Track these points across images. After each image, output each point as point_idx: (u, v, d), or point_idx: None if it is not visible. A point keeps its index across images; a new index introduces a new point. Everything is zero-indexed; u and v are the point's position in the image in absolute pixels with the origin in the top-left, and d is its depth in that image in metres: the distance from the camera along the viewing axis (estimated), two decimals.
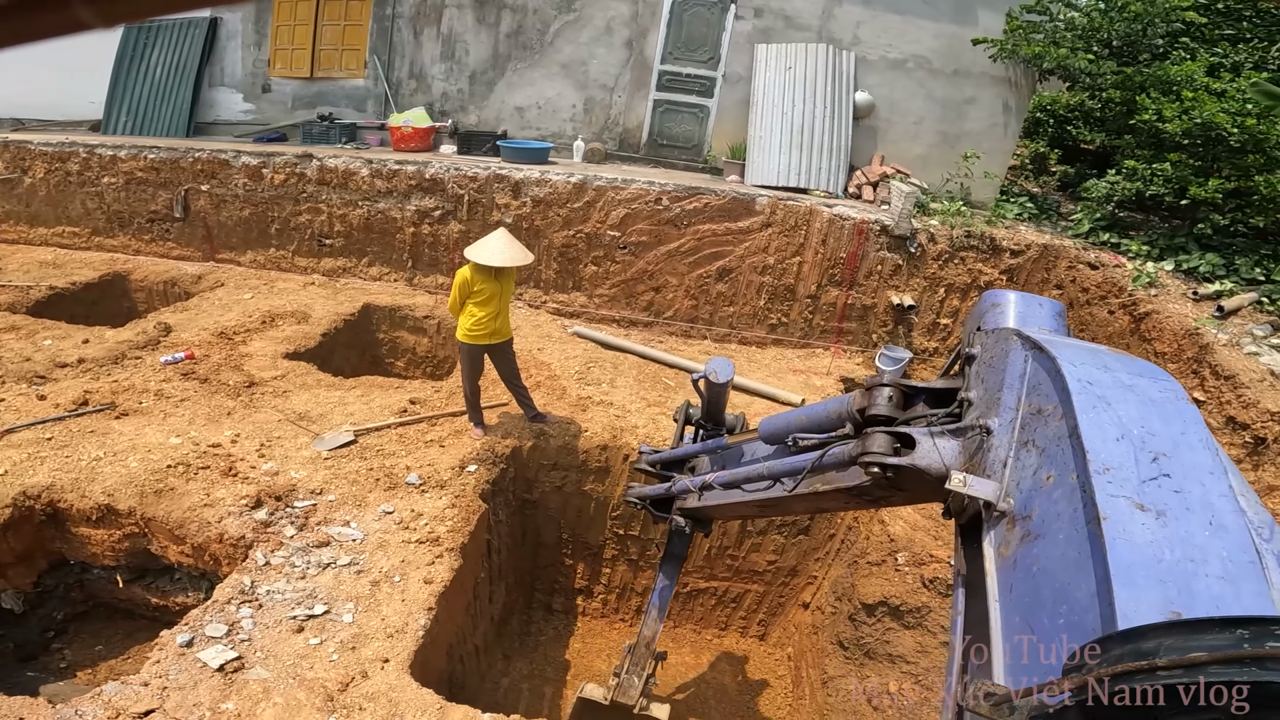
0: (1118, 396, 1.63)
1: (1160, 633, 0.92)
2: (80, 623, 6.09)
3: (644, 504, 5.05)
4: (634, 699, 5.50)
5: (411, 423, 6.67)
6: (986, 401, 2.04)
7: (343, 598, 4.74)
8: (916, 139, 10.15)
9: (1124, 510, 1.39)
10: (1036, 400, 1.83)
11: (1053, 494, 1.59)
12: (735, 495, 3.79)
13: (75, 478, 5.46)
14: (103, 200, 10.03)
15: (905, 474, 2.11)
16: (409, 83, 11.02)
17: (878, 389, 2.36)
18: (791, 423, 3.18)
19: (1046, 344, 1.86)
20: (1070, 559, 1.43)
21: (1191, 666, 0.85)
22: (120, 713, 3.78)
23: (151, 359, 7.23)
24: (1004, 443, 1.86)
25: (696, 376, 4.30)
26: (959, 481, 1.80)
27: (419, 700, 4.12)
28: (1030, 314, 2.32)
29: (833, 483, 2.62)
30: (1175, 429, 1.57)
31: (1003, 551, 1.69)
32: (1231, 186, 8.31)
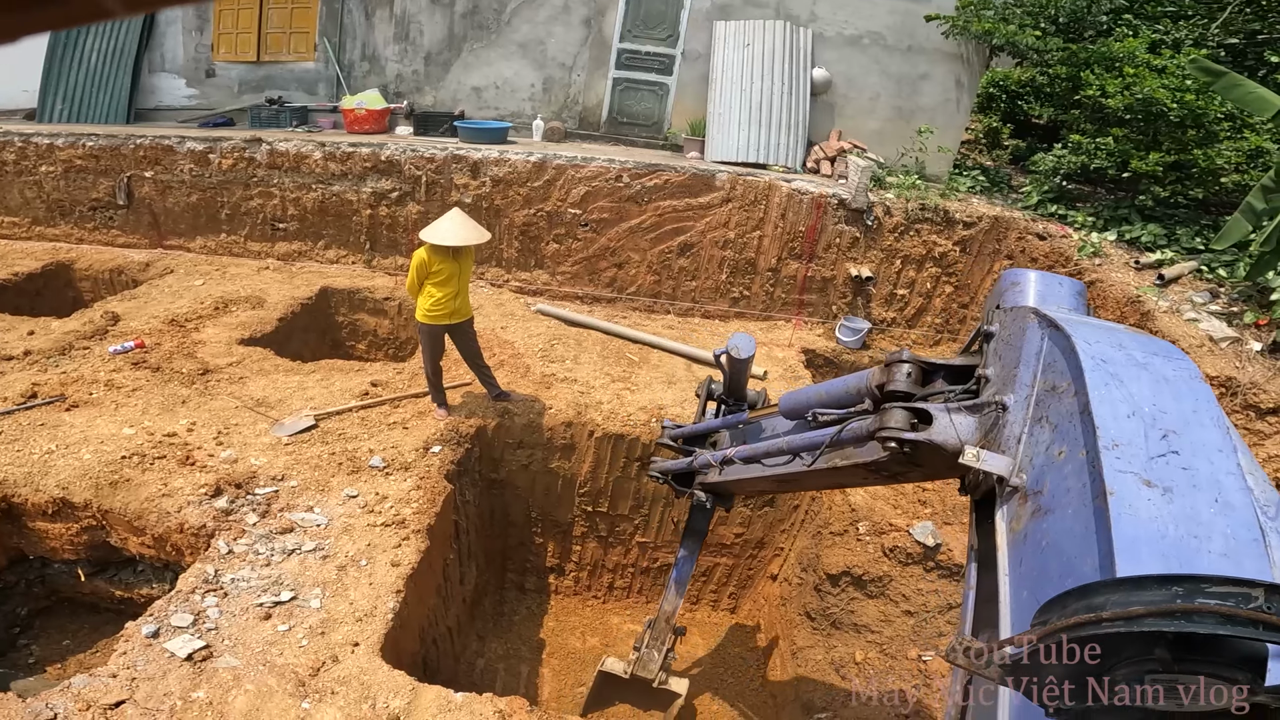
0: (1130, 375, 1.65)
1: (1108, 589, 0.97)
2: (45, 618, 5.96)
3: (666, 478, 5.08)
4: (654, 673, 5.59)
5: (373, 405, 6.60)
6: (1003, 378, 2.07)
7: (309, 583, 4.70)
8: (872, 114, 10.25)
9: (1130, 486, 1.41)
10: (1051, 377, 1.84)
11: (1063, 469, 1.61)
12: (755, 470, 3.80)
13: (28, 472, 5.32)
14: (41, 189, 9.68)
15: (922, 449, 2.12)
16: (362, 65, 10.79)
17: (896, 365, 2.37)
18: (811, 398, 3.19)
19: (1063, 322, 1.88)
20: (1077, 534, 1.46)
21: (1130, 619, 0.90)
22: (90, 705, 3.73)
23: (100, 349, 7.03)
24: (1019, 419, 1.89)
25: (719, 352, 4.30)
26: (973, 457, 1.83)
27: (391, 682, 4.13)
28: (1049, 293, 2.34)
29: (851, 458, 2.63)
30: (1187, 407, 1.59)
31: (1014, 526, 1.71)
32: (1171, 160, 8.57)
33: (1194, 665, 0.92)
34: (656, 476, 5.19)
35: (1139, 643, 0.96)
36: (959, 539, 6.23)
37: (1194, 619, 0.87)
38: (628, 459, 6.97)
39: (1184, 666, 0.92)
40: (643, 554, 7.52)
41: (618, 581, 7.72)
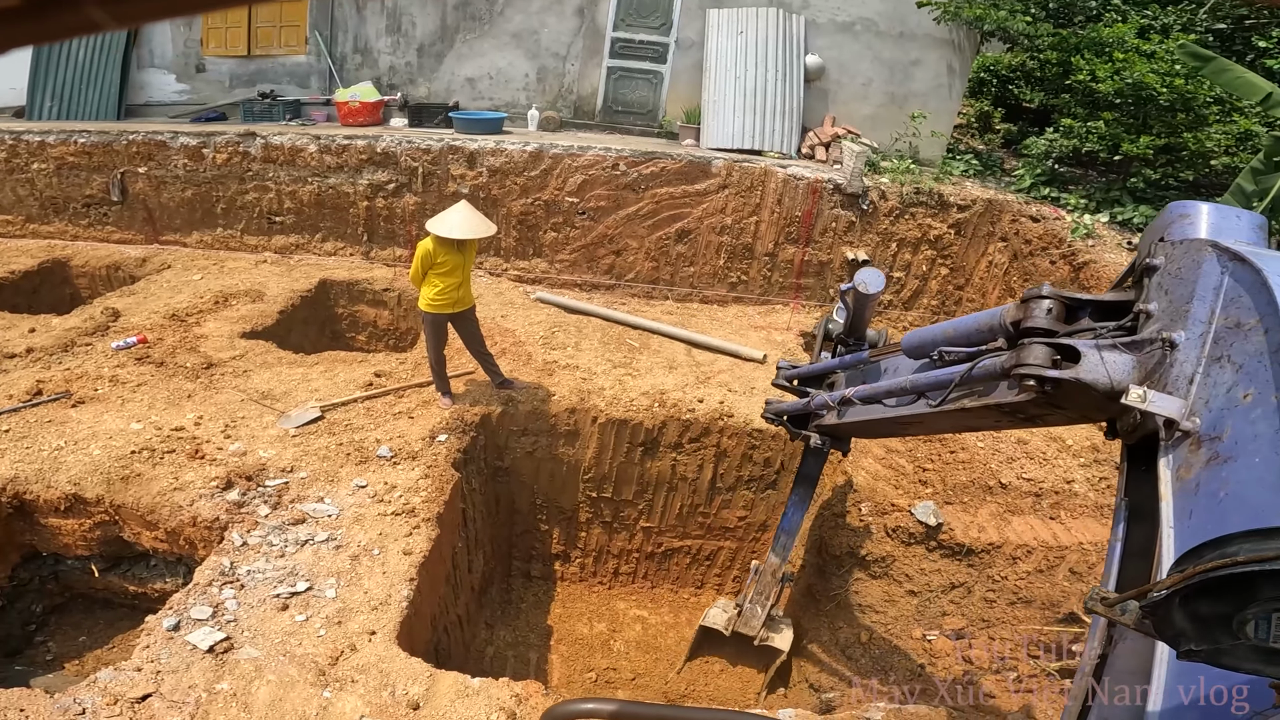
0: None
1: (1239, 539, 1.02)
2: (60, 615, 5.98)
3: (780, 420, 4.89)
4: (755, 629, 5.55)
5: (378, 395, 6.63)
6: (1171, 314, 1.90)
7: (324, 573, 4.74)
8: (865, 100, 10.31)
9: None
10: (1235, 314, 1.70)
11: (1251, 414, 1.50)
12: (876, 411, 3.64)
13: (39, 468, 5.33)
14: (34, 187, 9.62)
15: (1066, 389, 1.98)
16: (354, 57, 10.76)
17: (1035, 300, 2.19)
18: (937, 335, 2.99)
19: (1250, 255, 1.73)
20: (1268, 483, 1.36)
21: (1264, 560, 0.97)
22: (118, 699, 3.75)
23: (103, 345, 7.02)
24: (1191, 358, 1.75)
25: (845, 288, 4.08)
26: (1139, 397, 1.70)
27: (409, 670, 4.17)
28: (1226, 226, 2.11)
29: (983, 399, 2.48)
30: None
31: (1183, 474, 1.61)
32: (1162, 143, 8.67)
33: None
34: (771, 418, 5.02)
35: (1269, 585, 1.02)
36: (960, 518, 6.32)
37: None
38: (631, 444, 7.04)
39: None
40: (647, 539, 7.60)
41: (623, 567, 7.80)
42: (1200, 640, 1.12)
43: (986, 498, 6.35)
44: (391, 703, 3.99)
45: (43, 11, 0.35)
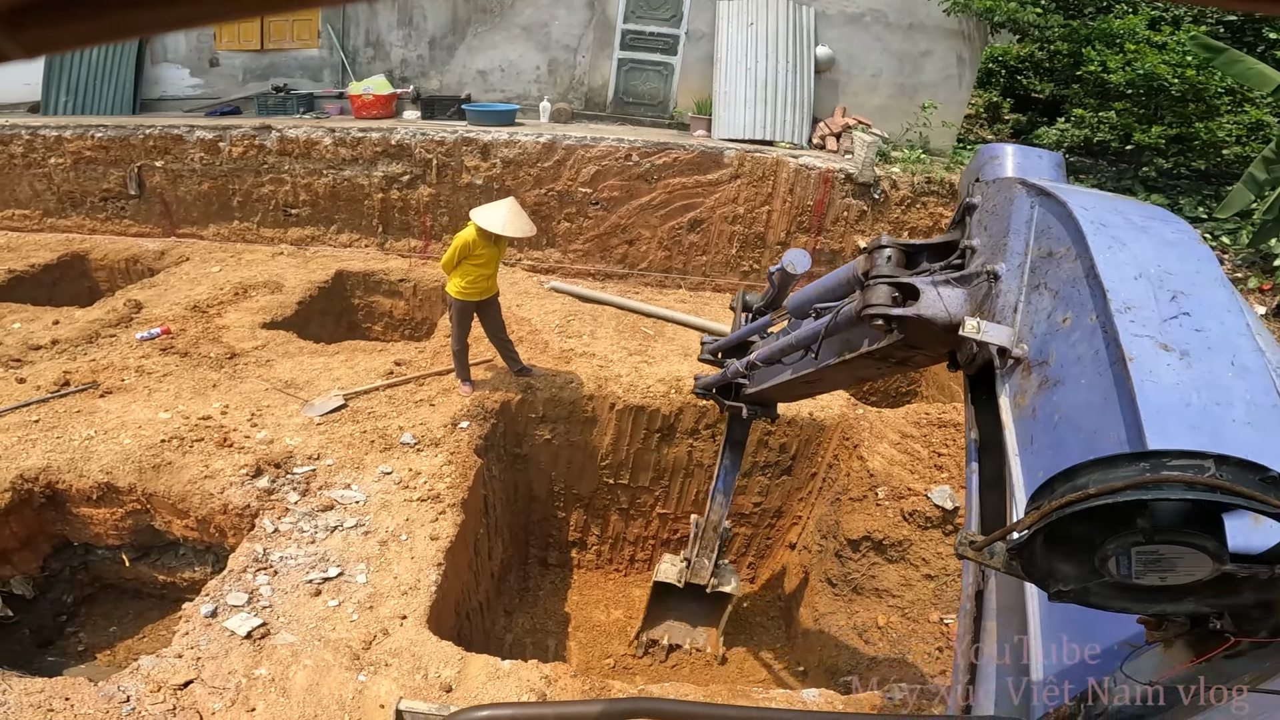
0: (1131, 237, 1.62)
1: (1088, 469, 1.01)
2: (90, 605, 6.07)
3: (709, 393, 5.14)
4: (705, 578, 5.87)
5: (399, 384, 6.72)
6: (991, 248, 2.02)
7: (354, 559, 4.82)
8: (875, 91, 10.35)
9: (1149, 350, 1.38)
10: (1046, 243, 1.79)
11: (1071, 337, 1.57)
12: (780, 372, 3.83)
13: (70, 458, 5.42)
14: (51, 181, 9.71)
15: (910, 325, 2.06)
16: (366, 50, 10.82)
17: (877, 250, 2.31)
18: (812, 294, 3.18)
19: (1054, 189, 1.85)
20: (1095, 404, 1.42)
21: (1113, 491, 0.95)
22: (160, 685, 3.82)
23: (126, 336, 7.11)
24: (1014, 287, 1.84)
25: (774, 269, 4.26)
26: (973, 327, 1.78)
27: (440, 653, 4.24)
28: (1030, 165, 2.32)
29: (857, 348, 2.60)
30: (1191, 268, 1.56)
31: (1019, 402, 1.67)
32: (1173, 133, 8.73)
33: (1167, 535, 0.98)
34: (699, 392, 5.26)
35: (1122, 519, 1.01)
36: None
37: (1164, 488, 0.93)
38: (648, 430, 7.12)
39: (1160, 537, 0.98)
40: (663, 525, 7.69)
41: (639, 554, 7.89)
42: (1067, 580, 1.12)
43: None
44: (425, 685, 4.06)
45: None
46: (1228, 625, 1.09)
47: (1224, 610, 1.08)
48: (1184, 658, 1.14)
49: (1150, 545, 0.99)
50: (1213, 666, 1.13)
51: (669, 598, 6.38)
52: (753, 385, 4.52)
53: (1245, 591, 1.04)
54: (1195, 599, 1.06)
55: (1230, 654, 1.11)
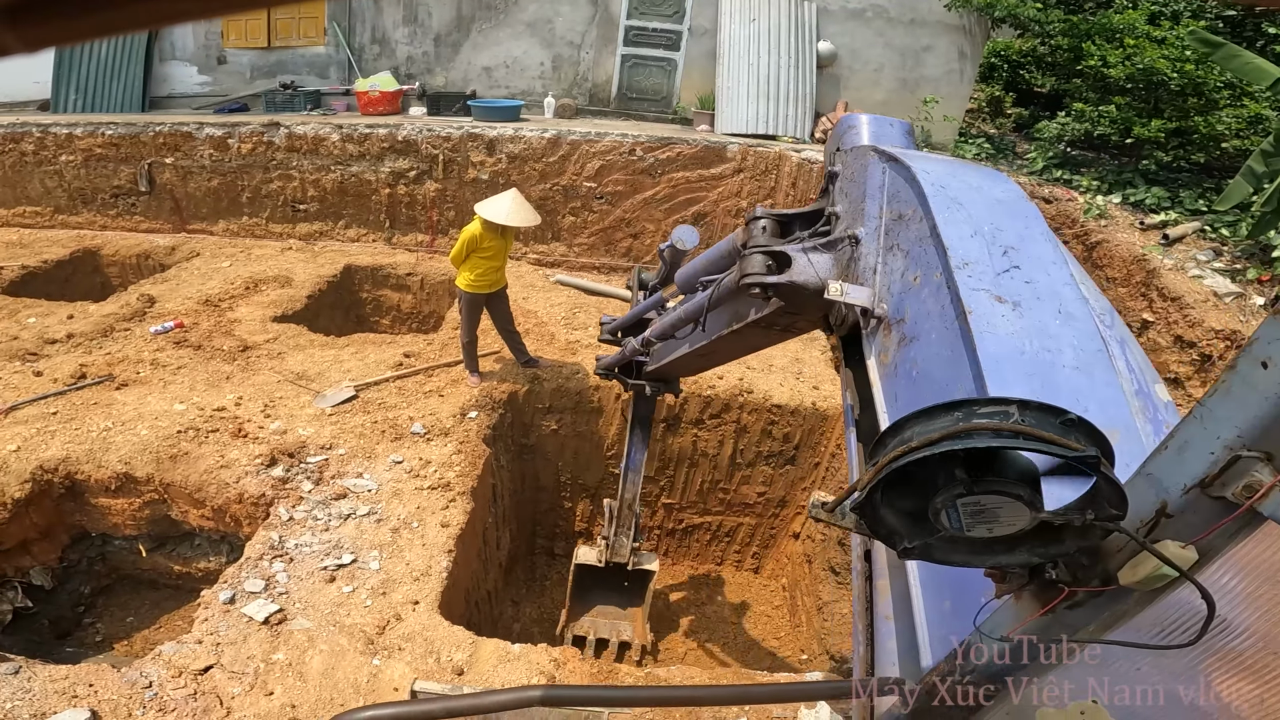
0: (968, 198, 1.73)
1: (911, 422, 1.03)
2: (107, 596, 6.18)
3: (611, 373, 5.22)
4: (626, 556, 5.95)
5: (409, 375, 6.84)
6: (852, 213, 2.12)
7: (367, 546, 4.93)
8: (877, 86, 10.43)
9: (985, 303, 1.46)
10: (897, 207, 1.90)
11: (921, 294, 1.66)
12: (676, 348, 3.94)
13: (89, 449, 5.53)
14: (62, 178, 9.81)
15: (785, 292, 2.12)
16: (372, 48, 10.91)
17: (753, 221, 2.40)
18: (697, 269, 3.29)
19: (901, 155, 1.96)
20: (945, 357, 1.50)
21: (932, 443, 0.97)
22: (182, 670, 3.93)
23: (141, 330, 7.24)
24: (872, 250, 1.93)
25: (664, 246, 4.36)
26: (836, 290, 1.87)
27: (452, 637, 4.35)
28: (883, 133, 2.42)
29: (745, 318, 2.67)
30: (1020, 225, 1.67)
31: (883, 360, 1.75)
32: (1173, 126, 8.79)
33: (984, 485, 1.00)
34: (602, 373, 5.35)
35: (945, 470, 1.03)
36: None
37: (974, 436, 0.95)
38: (653, 420, 7.21)
39: (981, 487, 1.00)
40: (669, 515, 7.80)
41: (644, 547, 7.98)
42: (911, 536, 1.13)
43: None
44: (437, 669, 4.16)
45: None
46: (1062, 575, 1.11)
47: (1055, 560, 1.10)
48: (1032, 610, 1.17)
49: (972, 496, 1.00)
50: (1058, 618, 1.16)
51: (590, 585, 6.38)
52: (652, 362, 4.61)
53: (1068, 540, 1.06)
54: (1026, 550, 1.09)
55: (1072, 604, 1.14)
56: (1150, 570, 1.00)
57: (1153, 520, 1.03)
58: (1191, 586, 0.97)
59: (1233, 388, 0.93)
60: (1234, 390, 0.93)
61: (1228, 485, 0.95)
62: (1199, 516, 1.00)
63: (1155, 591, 1.06)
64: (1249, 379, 0.91)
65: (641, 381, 5.01)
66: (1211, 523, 0.98)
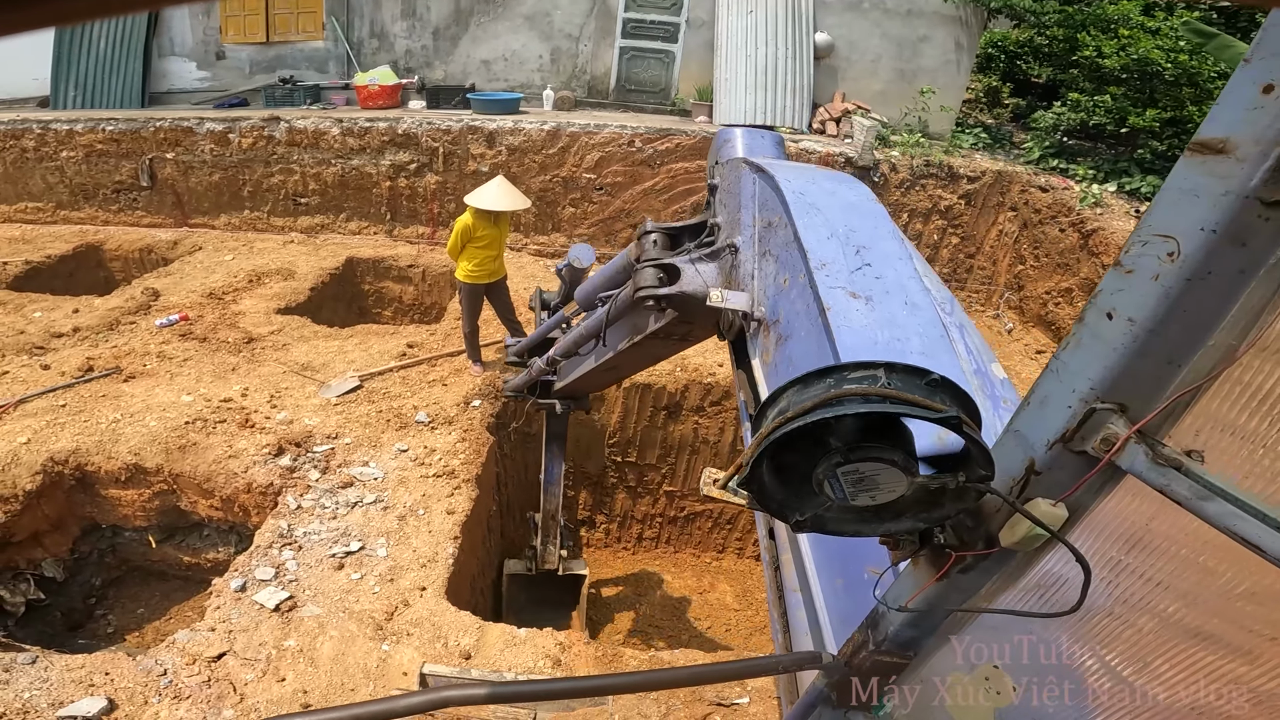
0: (824, 203, 1.84)
1: (788, 390, 1.02)
2: (118, 588, 6.24)
3: (520, 394, 5.27)
4: (555, 562, 6.08)
5: (413, 365, 6.91)
6: (730, 223, 2.23)
7: (374, 533, 5.00)
8: (875, 76, 10.47)
9: (841, 300, 1.56)
10: (766, 215, 2.01)
11: (790, 295, 1.75)
12: (581, 364, 4.00)
13: (99, 440, 5.60)
14: (64, 174, 9.86)
15: (677, 302, 2.20)
16: (370, 42, 10.94)
17: (645, 236, 2.49)
18: (595, 285, 3.37)
19: (766, 165, 2.07)
20: (813, 352, 1.58)
21: (804, 413, 0.96)
22: (195, 658, 3.99)
23: (146, 323, 7.30)
24: (749, 256, 2.04)
25: (560, 266, 4.45)
26: (717, 297, 1.96)
27: (459, 622, 4.42)
28: (755, 145, 2.56)
29: (644, 330, 2.72)
30: (870, 225, 1.78)
31: (765, 359, 1.84)
32: (1168, 116, 8.86)
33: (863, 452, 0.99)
34: (511, 395, 5.42)
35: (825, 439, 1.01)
36: None
37: (844, 403, 0.94)
38: (654, 408, 7.30)
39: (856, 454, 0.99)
40: (670, 503, 7.88)
41: (646, 532, 8.09)
42: (800, 509, 1.12)
43: None
44: (445, 653, 4.23)
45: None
46: (950, 539, 1.12)
47: (940, 524, 1.11)
48: (928, 576, 1.18)
49: (850, 464, 0.99)
50: (952, 583, 1.17)
51: (526, 587, 6.43)
52: (560, 380, 4.68)
53: (947, 504, 1.06)
54: (911, 516, 1.09)
55: (964, 568, 1.15)
56: (1026, 530, 1.00)
57: (1023, 479, 1.03)
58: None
59: (1083, 340, 0.94)
60: (1084, 342, 0.93)
61: (1087, 439, 0.95)
62: (1065, 473, 0.99)
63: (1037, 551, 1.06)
64: (1096, 330, 0.92)
65: (551, 400, 5.07)
66: (1076, 479, 0.98)
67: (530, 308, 5.27)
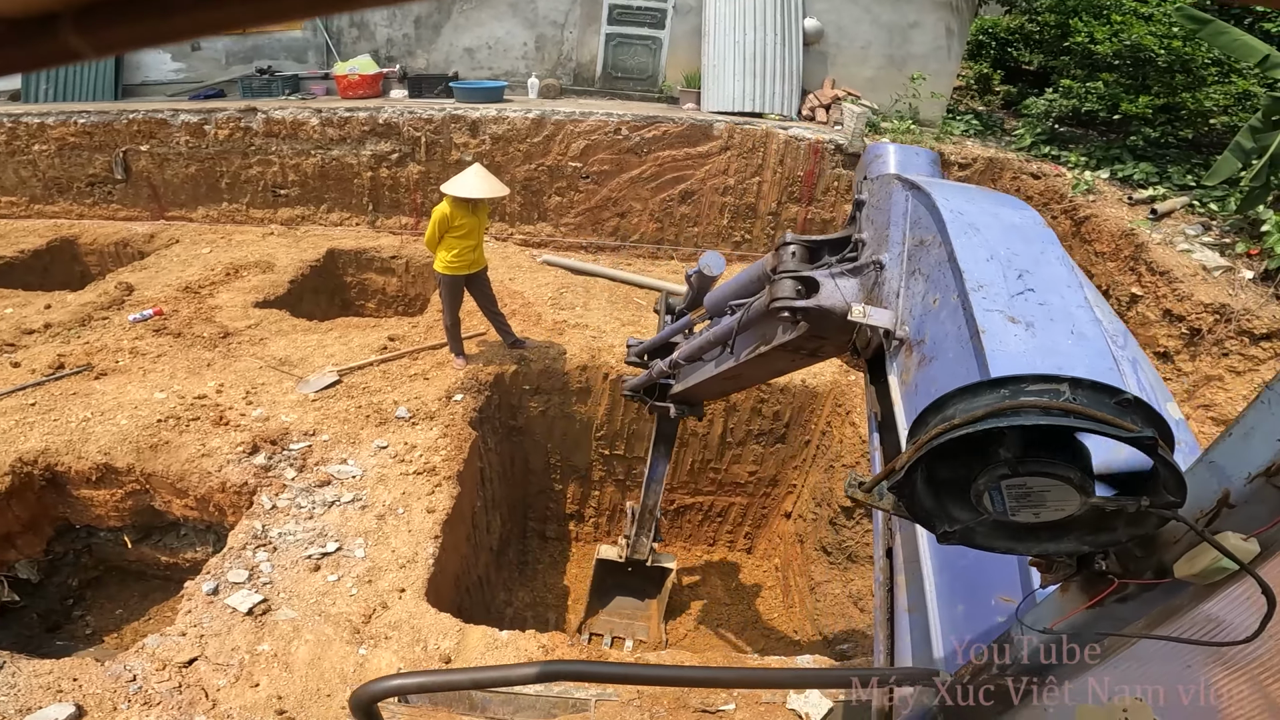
0: (985, 223, 1.77)
1: (954, 399, 1.01)
2: (96, 589, 6.11)
3: (637, 394, 5.26)
4: (645, 553, 6.20)
5: (393, 359, 6.76)
6: (877, 240, 2.18)
7: (352, 533, 4.86)
8: (865, 63, 10.33)
9: (999, 323, 1.49)
10: (919, 233, 1.95)
11: (939, 315, 1.70)
12: (703, 370, 3.98)
13: (68, 440, 5.43)
14: (36, 168, 9.62)
15: (813, 316, 2.18)
16: (350, 31, 10.73)
17: (783, 248, 2.45)
18: (726, 293, 3.35)
19: (923, 183, 2.02)
20: (960, 375, 1.51)
21: (975, 420, 0.95)
22: (166, 664, 3.86)
23: (119, 318, 7.11)
24: (895, 274, 1.99)
25: (691, 271, 4.39)
26: (859, 313, 1.92)
27: (439, 624, 4.30)
28: (908, 161, 2.52)
29: (771, 341, 2.72)
30: (1035, 249, 1.70)
31: (904, 379, 1.78)
32: (1161, 103, 8.76)
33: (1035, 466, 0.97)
34: (628, 394, 5.39)
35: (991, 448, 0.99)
36: None
37: (1021, 414, 0.92)
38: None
39: (1027, 468, 0.97)
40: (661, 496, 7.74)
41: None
42: (950, 519, 1.10)
43: None
44: (425, 657, 4.10)
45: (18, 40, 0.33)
46: (1113, 566, 1.07)
47: (1105, 549, 1.06)
48: (1079, 602, 1.13)
49: (1017, 478, 0.97)
50: (1106, 611, 1.12)
51: (610, 582, 6.66)
52: (678, 384, 4.67)
53: (1120, 527, 1.01)
54: (1075, 537, 1.05)
55: (1121, 597, 1.09)
56: (1209, 563, 0.95)
57: (1213, 510, 0.98)
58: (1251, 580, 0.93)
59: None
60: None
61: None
62: (1264, 507, 0.95)
63: (1212, 586, 1.01)
64: None
65: (666, 404, 5.03)
66: (1277, 514, 0.94)
67: (655, 311, 5.23)
